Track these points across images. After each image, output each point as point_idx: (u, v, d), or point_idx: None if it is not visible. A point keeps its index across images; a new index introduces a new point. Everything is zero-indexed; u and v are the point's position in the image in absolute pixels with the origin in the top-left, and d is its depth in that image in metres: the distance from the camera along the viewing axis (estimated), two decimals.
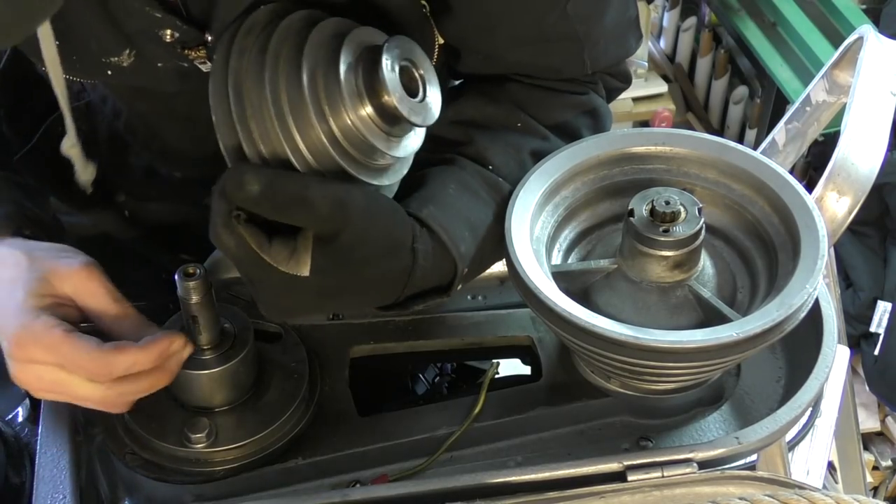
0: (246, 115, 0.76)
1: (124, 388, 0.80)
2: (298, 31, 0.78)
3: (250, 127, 0.76)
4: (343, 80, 0.76)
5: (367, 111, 0.77)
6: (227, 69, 0.77)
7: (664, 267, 0.83)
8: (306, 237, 0.77)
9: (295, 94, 0.76)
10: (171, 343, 0.81)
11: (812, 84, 1.18)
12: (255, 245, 0.75)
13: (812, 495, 0.65)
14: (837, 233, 0.96)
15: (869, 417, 2.44)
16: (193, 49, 0.86)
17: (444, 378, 1.10)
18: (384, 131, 0.78)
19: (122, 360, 0.79)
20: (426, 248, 0.82)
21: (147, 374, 0.81)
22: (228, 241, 0.75)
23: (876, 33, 1.06)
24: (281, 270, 0.76)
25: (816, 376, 0.87)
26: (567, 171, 0.90)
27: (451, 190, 0.87)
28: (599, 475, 0.81)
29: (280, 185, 0.74)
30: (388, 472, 0.87)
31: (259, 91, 0.76)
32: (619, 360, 0.79)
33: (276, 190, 0.74)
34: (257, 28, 0.78)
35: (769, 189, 0.86)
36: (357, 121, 0.77)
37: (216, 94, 0.78)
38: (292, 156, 0.76)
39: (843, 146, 0.95)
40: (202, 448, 0.85)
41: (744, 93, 2.84)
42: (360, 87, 0.77)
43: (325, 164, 0.77)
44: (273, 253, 0.76)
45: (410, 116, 0.77)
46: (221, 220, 0.75)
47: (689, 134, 0.91)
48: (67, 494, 0.83)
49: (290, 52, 0.76)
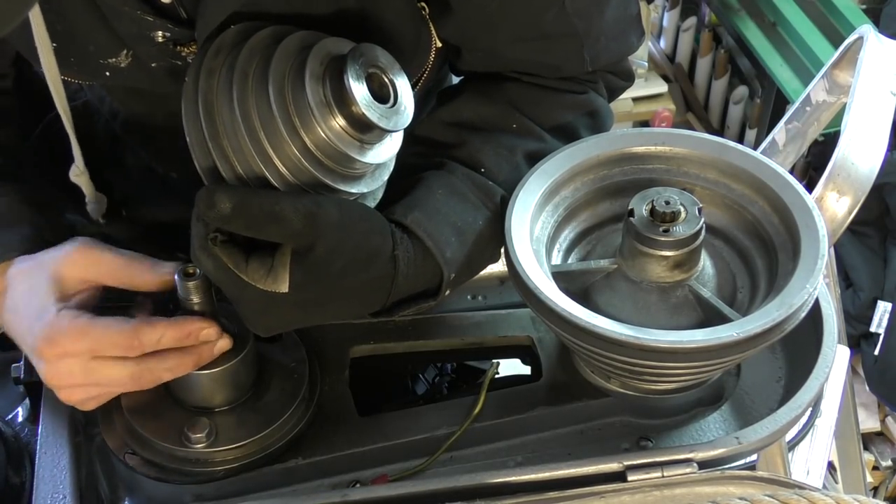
0: (219, 135, 0.77)
1: (153, 365, 0.82)
2: (265, 48, 0.78)
3: (224, 147, 0.77)
4: (309, 94, 0.76)
5: (337, 122, 0.77)
6: (197, 91, 0.78)
7: (664, 267, 0.83)
8: (284, 253, 0.78)
9: (265, 110, 0.76)
10: (202, 328, 0.83)
11: (812, 84, 1.18)
12: (231, 265, 0.77)
13: (812, 495, 0.65)
14: (837, 233, 0.96)
15: (869, 417, 2.44)
16: (185, 46, 0.87)
17: (444, 378, 1.10)
18: (357, 139, 0.79)
19: (151, 332, 0.81)
20: (409, 255, 0.83)
21: (175, 353, 0.82)
22: (206, 263, 0.78)
23: (876, 33, 1.06)
24: (259, 288, 0.77)
25: (816, 376, 0.87)
26: (567, 171, 0.90)
27: (439, 195, 0.86)
28: (599, 475, 0.81)
29: (251, 202, 0.75)
30: (388, 472, 0.87)
31: (229, 110, 0.77)
32: (619, 360, 0.79)
33: (247, 207, 0.75)
34: (225, 49, 0.79)
35: (769, 189, 0.86)
36: (328, 132, 0.77)
37: (188, 116, 0.78)
38: (268, 172, 0.77)
39: (843, 146, 0.95)
40: (202, 448, 0.85)
41: (744, 93, 2.84)
42: (328, 98, 0.77)
43: (301, 177, 0.78)
44: (250, 271, 0.77)
45: (381, 123, 0.78)
46: (199, 243, 0.77)
47: (689, 134, 0.91)
48: (67, 494, 0.83)
49: (257, 69, 0.77)
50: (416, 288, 0.85)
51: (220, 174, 0.78)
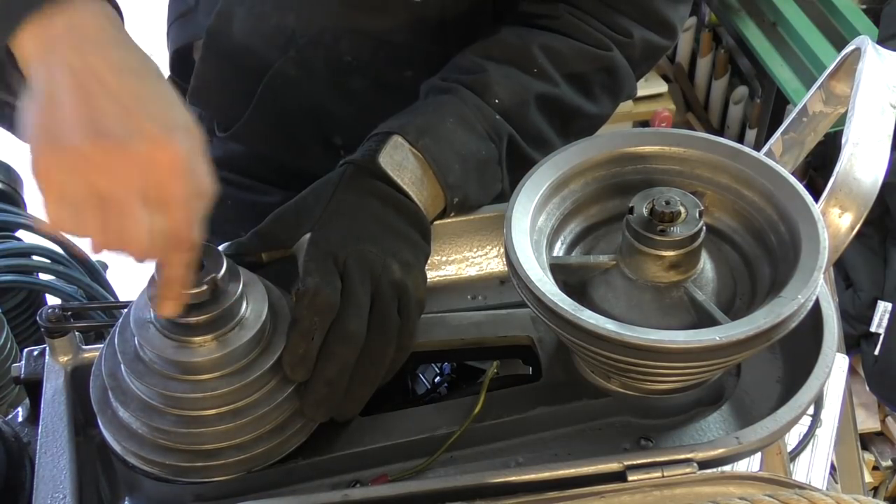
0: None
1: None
2: None
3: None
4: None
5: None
6: None
7: (660, 267, 0.83)
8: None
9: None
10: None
11: (808, 94, 1.18)
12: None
13: (812, 495, 0.65)
14: (840, 248, 0.95)
15: (869, 417, 2.44)
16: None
17: (444, 378, 1.10)
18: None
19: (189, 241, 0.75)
20: (415, 177, 0.94)
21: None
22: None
23: (874, 45, 1.06)
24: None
25: (816, 376, 0.86)
26: (578, 165, 0.90)
27: (450, 123, 0.97)
28: (599, 475, 0.81)
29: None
30: (388, 472, 0.87)
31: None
32: (605, 356, 0.79)
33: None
34: None
35: (777, 198, 0.86)
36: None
37: None
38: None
39: (845, 161, 0.94)
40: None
41: (744, 93, 2.84)
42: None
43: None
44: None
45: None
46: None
47: (703, 136, 0.91)
48: (67, 494, 0.83)
49: None
50: (430, 215, 0.96)
51: None
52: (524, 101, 1.02)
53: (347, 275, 0.86)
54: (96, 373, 0.87)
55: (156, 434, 0.83)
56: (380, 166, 0.93)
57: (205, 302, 0.80)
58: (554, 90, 1.04)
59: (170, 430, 0.82)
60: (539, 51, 1.04)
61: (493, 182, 1.01)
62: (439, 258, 1.03)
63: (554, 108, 1.06)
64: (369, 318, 0.85)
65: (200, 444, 0.83)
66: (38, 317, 0.92)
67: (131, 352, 0.83)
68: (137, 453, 0.84)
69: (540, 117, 1.04)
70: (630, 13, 1.09)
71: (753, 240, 0.89)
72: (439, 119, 0.97)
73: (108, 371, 0.85)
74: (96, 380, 0.87)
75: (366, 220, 0.91)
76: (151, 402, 0.82)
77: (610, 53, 1.07)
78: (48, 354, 0.94)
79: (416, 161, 0.95)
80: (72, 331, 0.93)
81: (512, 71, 1.03)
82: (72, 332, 0.93)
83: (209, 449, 0.83)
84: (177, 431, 0.82)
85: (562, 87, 1.05)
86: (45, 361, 0.94)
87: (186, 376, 0.81)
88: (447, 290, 1.03)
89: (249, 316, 0.83)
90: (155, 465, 0.84)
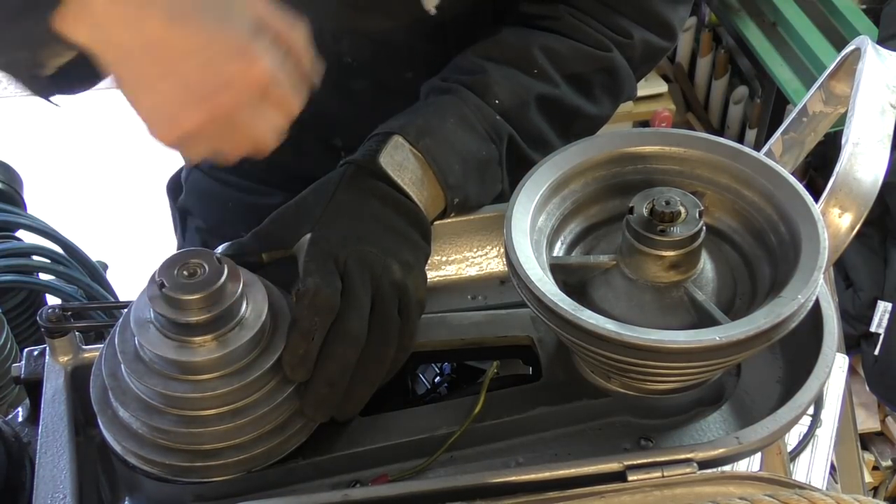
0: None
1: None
2: None
3: None
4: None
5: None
6: None
7: (660, 267, 0.83)
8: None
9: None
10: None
11: (808, 94, 1.18)
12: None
13: (812, 495, 0.65)
14: (840, 248, 0.95)
15: (869, 417, 2.44)
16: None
17: (444, 378, 1.10)
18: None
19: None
20: (415, 178, 0.94)
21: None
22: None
23: (874, 45, 1.06)
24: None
25: (817, 376, 0.86)
26: (578, 165, 0.90)
27: (450, 124, 0.98)
28: (599, 475, 0.81)
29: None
30: (388, 472, 0.87)
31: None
32: (605, 356, 0.79)
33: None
34: None
35: (778, 198, 0.86)
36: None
37: None
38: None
39: (845, 161, 0.94)
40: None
41: (744, 93, 2.84)
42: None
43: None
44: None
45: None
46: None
47: (704, 136, 0.91)
48: (67, 494, 0.83)
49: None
50: (431, 215, 0.96)
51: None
52: (524, 101, 1.03)
53: (348, 275, 0.86)
54: (96, 373, 0.87)
55: (156, 434, 0.83)
56: (380, 166, 0.94)
57: (205, 302, 0.80)
58: (554, 91, 1.05)
59: (170, 430, 0.82)
60: (539, 51, 1.05)
61: (494, 182, 1.01)
62: (439, 258, 1.03)
63: (554, 108, 1.06)
64: (370, 318, 0.85)
65: (200, 444, 0.83)
66: (38, 317, 0.92)
67: (131, 352, 0.83)
68: (137, 453, 0.84)
69: (540, 118, 1.05)
70: (630, 14, 1.09)
71: (753, 240, 0.89)
72: (440, 119, 0.98)
73: (108, 371, 0.85)
74: (96, 380, 0.87)
75: (366, 220, 0.91)
76: (151, 402, 0.83)
77: (610, 54, 1.08)
78: (48, 354, 0.94)
79: (417, 161, 0.95)
80: (72, 331, 0.93)
81: (512, 72, 1.03)
82: (72, 332, 0.93)
83: (209, 449, 0.83)
84: (177, 431, 0.82)
85: (562, 88, 1.05)
86: (46, 361, 0.94)
87: (186, 376, 0.81)
88: (447, 290, 1.03)
89: (249, 316, 0.83)
90: (155, 465, 0.84)
